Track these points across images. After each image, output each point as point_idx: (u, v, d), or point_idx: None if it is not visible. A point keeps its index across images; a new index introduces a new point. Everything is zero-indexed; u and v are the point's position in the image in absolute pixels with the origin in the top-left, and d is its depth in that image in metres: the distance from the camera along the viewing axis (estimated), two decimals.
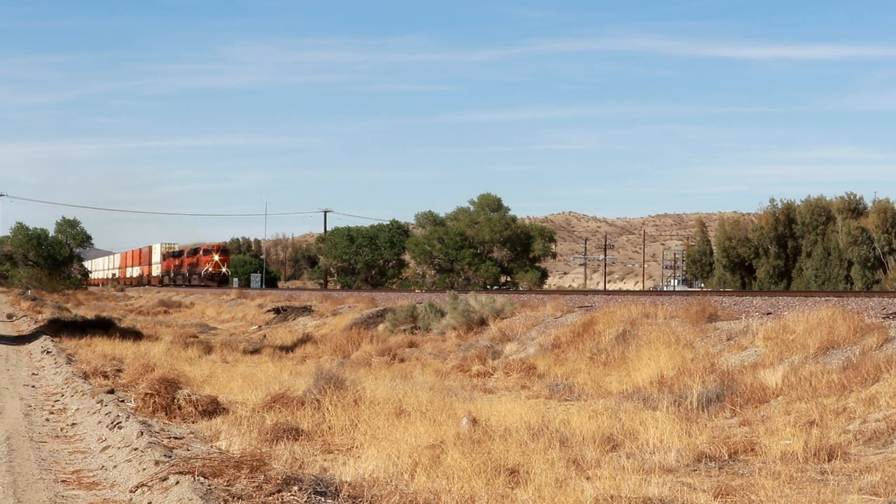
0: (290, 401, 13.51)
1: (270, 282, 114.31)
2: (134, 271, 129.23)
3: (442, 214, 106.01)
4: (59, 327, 31.59)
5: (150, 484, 8.94)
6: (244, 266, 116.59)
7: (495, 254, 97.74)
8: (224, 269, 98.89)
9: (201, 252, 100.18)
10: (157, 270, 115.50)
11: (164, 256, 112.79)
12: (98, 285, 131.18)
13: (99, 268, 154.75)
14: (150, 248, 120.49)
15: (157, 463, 9.66)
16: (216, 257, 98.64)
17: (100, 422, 13.05)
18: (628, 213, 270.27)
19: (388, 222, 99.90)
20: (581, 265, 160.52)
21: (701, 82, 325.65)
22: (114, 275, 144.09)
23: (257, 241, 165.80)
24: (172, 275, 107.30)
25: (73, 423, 13.55)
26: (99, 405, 14.13)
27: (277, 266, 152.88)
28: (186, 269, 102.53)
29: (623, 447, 11.06)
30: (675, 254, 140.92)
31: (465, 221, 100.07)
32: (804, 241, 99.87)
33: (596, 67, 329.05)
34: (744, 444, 10.95)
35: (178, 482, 8.59)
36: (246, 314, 45.93)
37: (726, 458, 10.58)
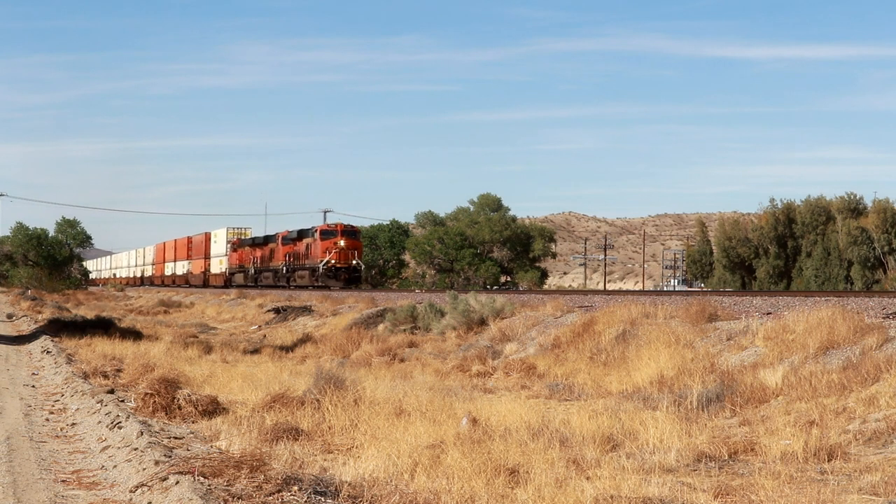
0: (290, 401, 13.50)
1: None
2: (178, 267, 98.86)
3: (442, 214, 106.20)
4: (59, 327, 31.57)
5: (150, 484, 8.94)
6: None
7: (495, 254, 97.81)
8: (356, 261, 62.58)
9: (317, 235, 63.31)
10: (219, 266, 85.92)
11: (235, 246, 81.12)
12: (100, 285, 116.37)
13: (122, 264, 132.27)
14: (207, 236, 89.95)
15: (157, 463, 9.66)
16: (342, 242, 62.13)
17: (100, 422, 13.05)
18: (628, 213, 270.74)
19: (388, 222, 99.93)
20: (581, 265, 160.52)
21: (701, 82, 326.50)
22: (137, 274, 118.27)
23: None
24: (254, 271, 75.02)
25: (73, 423, 13.55)
26: (99, 405, 14.13)
27: None
28: (283, 263, 68.56)
29: (623, 447, 11.06)
30: (675, 254, 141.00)
31: (465, 221, 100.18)
32: (804, 241, 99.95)
33: (596, 67, 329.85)
34: (744, 444, 10.95)
35: (178, 482, 8.59)
36: (246, 314, 45.92)
37: (726, 458, 10.58)
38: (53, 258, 42.99)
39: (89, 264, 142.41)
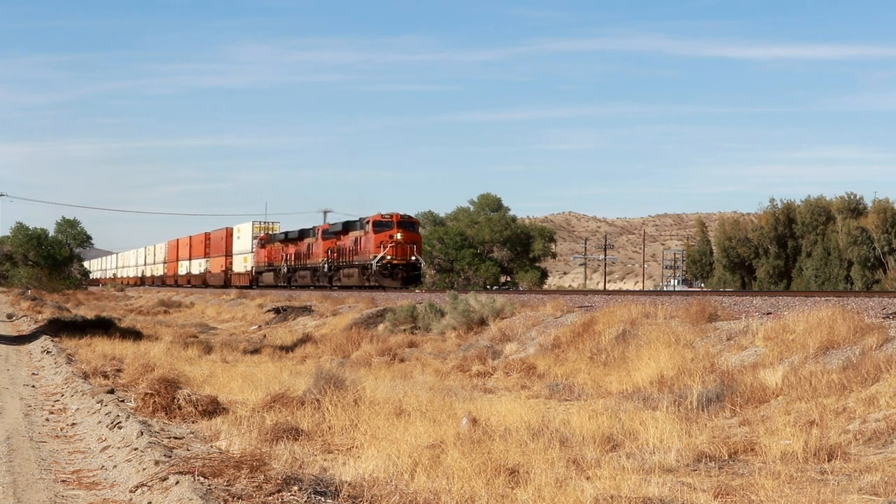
0: (290, 401, 13.51)
1: None
2: (194, 266, 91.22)
3: (442, 214, 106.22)
4: (59, 327, 31.58)
5: (150, 484, 8.94)
6: None
7: (495, 254, 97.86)
8: (415, 257, 53.73)
9: (368, 227, 54.05)
10: (243, 264, 77.86)
11: (263, 242, 73.05)
12: (101, 285, 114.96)
13: (129, 263, 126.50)
14: (228, 231, 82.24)
15: (157, 463, 9.66)
16: (398, 235, 53.13)
17: (100, 422, 13.05)
18: (628, 213, 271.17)
19: None
20: (581, 265, 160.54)
21: (701, 82, 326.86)
22: (146, 273, 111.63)
23: None
24: (286, 270, 66.97)
25: (73, 423, 13.55)
26: (99, 405, 14.13)
27: None
28: (325, 260, 59.60)
29: (623, 447, 11.06)
30: (675, 254, 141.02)
31: (465, 221, 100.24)
32: (804, 241, 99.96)
33: (596, 67, 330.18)
34: (744, 444, 10.95)
35: (178, 482, 8.59)
36: (246, 314, 45.93)
37: (726, 458, 10.57)
38: (53, 258, 42.94)
39: (92, 264, 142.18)
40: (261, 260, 72.91)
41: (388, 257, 52.48)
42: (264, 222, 78.26)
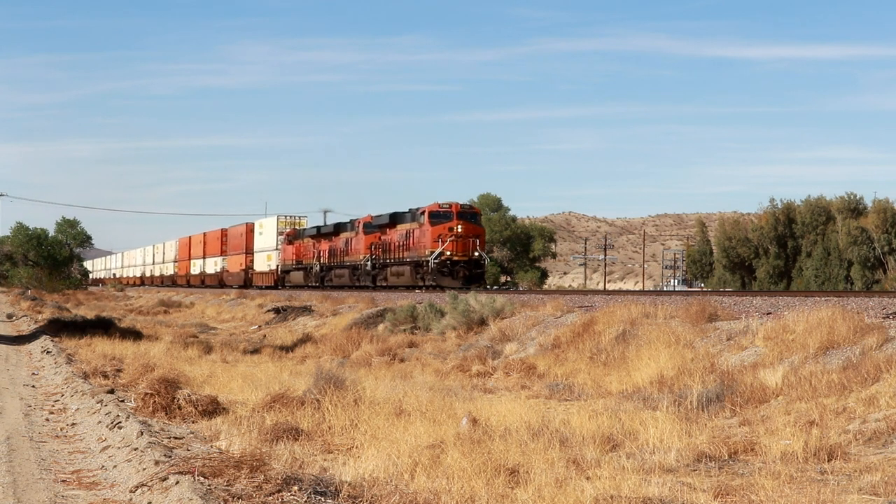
0: (290, 401, 13.51)
1: None
2: (209, 265, 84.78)
3: None
4: (59, 327, 31.58)
5: (150, 484, 8.94)
6: None
7: (495, 254, 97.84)
8: (478, 253, 46.63)
9: (424, 218, 47.13)
10: (266, 262, 71.36)
11: (291, 238, 66.78)
12: (100, 285, 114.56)
13: (135, 262, 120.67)
14: (248, 227, 75.51)
15: (157, 463, 9.66)
16: (459, 228, 46.32)
17: (100, 422, 13.05)
18: (628, 213, 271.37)
19: None
20: (581, 265, 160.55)
21: (701, 82, 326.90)
22: (155, 273, 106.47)
23: None
24: (319, 268, 60.23)
25: (73, 423, 13.55)
26: (99, 405, 14.13)
27: None
28: (367, 257, 53.04)
29: (623, 447, 11.06)
30: (675, 254, 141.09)
31: None
32: (804, 241, 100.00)
33: (596, 67, 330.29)
34: (744, 443, 10.95)
35: (178, 482, 8.59)
36: (246, 314, 45.93)
37: (726, 458, 10.57)
38: (53, 258, 42.93)
39: (95, 263, 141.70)
40: (288, 258, 66.45)
41: (448, 253, 45.92)
42: (291, 217, 71.58)
